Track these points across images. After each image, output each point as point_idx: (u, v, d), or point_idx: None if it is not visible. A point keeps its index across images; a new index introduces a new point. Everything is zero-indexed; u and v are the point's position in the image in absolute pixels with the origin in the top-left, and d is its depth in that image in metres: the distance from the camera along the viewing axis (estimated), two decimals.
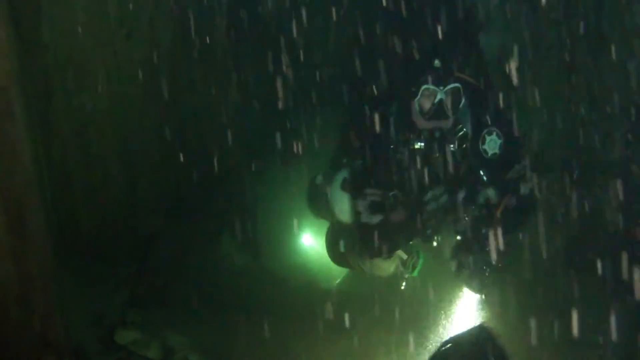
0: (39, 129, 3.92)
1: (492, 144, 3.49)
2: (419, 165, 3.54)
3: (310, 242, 5.81)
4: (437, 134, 3.48)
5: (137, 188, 4.70)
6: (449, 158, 3.57)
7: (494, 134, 3.51)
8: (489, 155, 3.50)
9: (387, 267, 3.91)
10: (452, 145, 3.54)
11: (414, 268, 3.80)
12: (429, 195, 3.68)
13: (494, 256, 3.43)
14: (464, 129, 3.56)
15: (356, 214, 3.66)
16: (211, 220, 4.93)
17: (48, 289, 2.98)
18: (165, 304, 4.19)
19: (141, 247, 4.50)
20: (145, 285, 4.23)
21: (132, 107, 4.73)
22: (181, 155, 4.99)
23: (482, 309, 4.71)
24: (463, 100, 3.48)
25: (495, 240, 3.40)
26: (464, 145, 3.57)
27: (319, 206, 4.04)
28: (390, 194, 3.64)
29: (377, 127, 3.58)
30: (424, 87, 3.41)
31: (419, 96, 3.45)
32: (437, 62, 3.43)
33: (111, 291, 4.17)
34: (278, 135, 5.54)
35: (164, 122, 4.91)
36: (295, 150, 5.22)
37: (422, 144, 3.53)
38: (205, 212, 5.00)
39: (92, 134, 4.53)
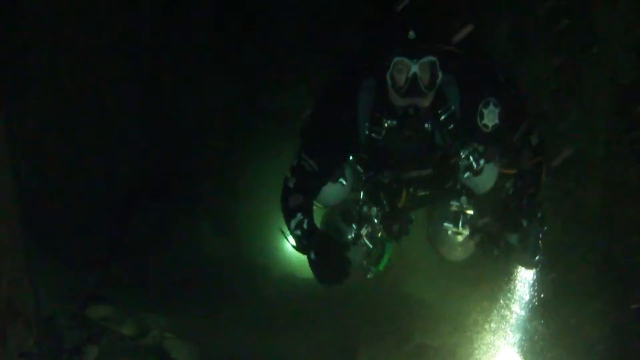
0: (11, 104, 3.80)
1: (491, 116, 3.20)
2: (393, 145, 3.25)
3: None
4: (410, 112, 3.15)
5: (115, 168, 4.58)
6: (425, 137, 3.26)
7: (491, 103, 3.21)
8: (490, 128, 3.20)
9: (354, 254, 3.49)
10: (426, 124, 3.20)
11: (378, 261, 3.51)
12: (411, 174, 3.39)
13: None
14: (452, 107, 3.25)
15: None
16: (191, 206, 4.82)
17: (17, 254, 2.86)
18: (141, 284, 4.07)
19: (117, 227, 4.37)
20: (120, 264, 4.10)
21: (111, 85, 4.63)
22: (161, 138, 4.91)
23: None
24: (440, 75, 3.13)
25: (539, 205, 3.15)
26: (451, 126, 3.26)
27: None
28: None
29: (350, 104, 3.26)
30: (396, 58, 3.09)
31: (390, 69, 3.12)
32: (411, 33, 3.13)
33: (84, 269, 4.04)
34: (260, 121, 5.50)
35: (144, 103, 4.82)
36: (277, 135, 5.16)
37: (395, 121, 3.19)
38: (185, 196, 4.89)
39: (68, 111, 4.42)
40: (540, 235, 3.20)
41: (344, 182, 3.45)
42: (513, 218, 3.22)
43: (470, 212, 3.35)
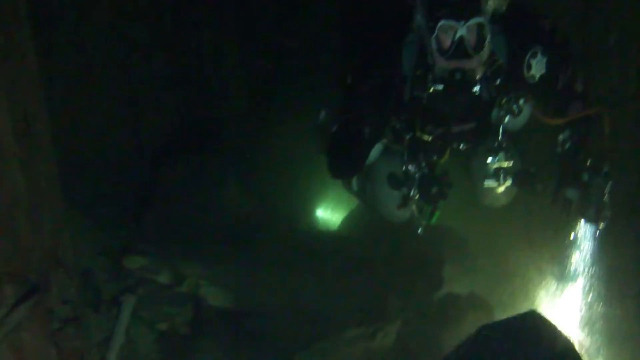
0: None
1: (539, 66, 3.05)
2: (436, 103, 3.12)
3: (318, 189, 5.78)
4: (457, 76, 3.00)
5: (142, 127, 4.61)
6: (472, 101, 3.14)
7: (539, 53, 3.05)
8: (537, 79, 3.07)
9: (401, 214, 3.53)
10: (475, 89, 3.06)
11: (431, 215, 3.37)
12: (454, 129, 3.30)
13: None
14: (500, 60, 3.09)
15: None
16: (215, 163, 4.84)
17: (57, 204, 2.89)
18: (173, 238, 4.12)
19: (145, 187, 4.42)
20: (152, 219, 4.15)
21: (135, 44, 4.64)
22: (186, 97, 4.93)
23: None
24: (489, 37, 2.97)
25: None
26: (498, 81, 3.11)
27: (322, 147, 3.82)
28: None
29: (394, 62, 3.13)
30: (441, 22, 2.92)
31: (436, 32, 2.95)
32: None
33: (117, 225, 4.10)
34: (284, 79, 5.48)
35: (167, 62, 4.83)
36: (301, 94, 5.13)
37: (441, 87, 3.06)
38: (209, 154, 4.92)
39: (93, 70, 4.44)
40: (607, 190, 3.04)
41: (386, 141, 3.46)
42: (572, 172, 3.11)
43: (509, 164, 3.28)
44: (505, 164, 3.26)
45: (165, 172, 4.48)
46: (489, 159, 3.27)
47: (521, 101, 3.17)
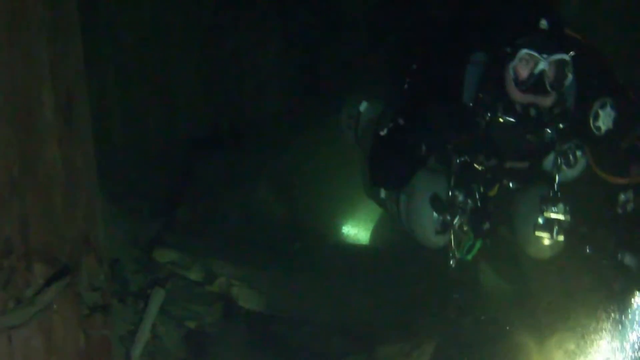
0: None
1: (606, 119, 2.77)
2: (495, 132, 2.84)
3: (350, 199, 5.64)
4: (532, 112, 2.73)
5: (175, 120, 4.54)
6: (544, 142, 2.88)
7: (608, 105, 2.76)
8: (602, 132, 2.78)
9: (437, 240, 3.23)
10: (548, 130, 2.81)
11: (469, 251, 3.14)
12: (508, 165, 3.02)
13: None
14: (567, 103, 2.84)
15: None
16: (248, 163, 4.74)
17: (92, 187, 2.80)
18: (205, 234, 4.00)
19: (178, 181, 4.33)
20: (184, 213, 4.04)
21: (173, 38, 4.58)
22: (220, 94, 4.85)
23: None
24: (570, 77, 2.71)
25: None
26: (561, 126, 2.85)
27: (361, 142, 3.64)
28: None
29: (456, 78, 2.86)
30: (523, 51, 2.66)
31: (515, 61, 2.69)
32: (543, 22, 2.68)
33: (148, 217, 4.00)
34: (321, 85, 5.38)
35: (204, 57, 4.76)
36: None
37: (513, 120, 2.77)
38: (242, 153, 4.82)
39: (131, 62, 4.39)
40: None
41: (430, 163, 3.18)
42: (633, 237, 2.91)
43: (566, 217, 2.97)
44: (562, 217, 2.97)
45: (199, 166, 4.39)
46: (544, 207, 2.98)
47: (579, 152, 2.96)
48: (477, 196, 3.04)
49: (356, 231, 5.83)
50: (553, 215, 2.96)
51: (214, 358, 3.37)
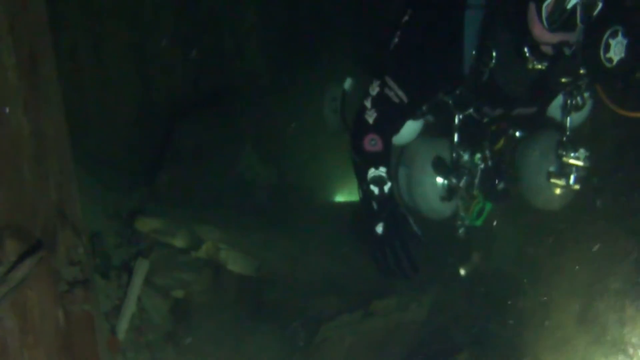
0: None
1: (618, 48, 2.51)
2: (500, 79, 2.60)
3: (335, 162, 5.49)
4: (567, 51, 2.48)
5: (152, 83, 4.33)
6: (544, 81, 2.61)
7: (620, 33, 2.50)
8: (614, 63, 2.52)
9: (443, 209, 3.03)
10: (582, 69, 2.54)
11: (479, 215, 2.94)
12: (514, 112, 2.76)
13: None
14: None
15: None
16: (230, 126, 4.56)
17: (64, 154, 2.63)
18: (188, 200, 3.84)
19: (157, 146, 4.14)
20: (165, 179, 3.87)
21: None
22: (198, 58, 4.64)
23: None
24: (600, 5, 2.46)
25: None
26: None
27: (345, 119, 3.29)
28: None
29: (454, 25, 2.60)
30: None
31: None
32: None
33: (128, 187, 3.82)
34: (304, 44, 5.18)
35: (179, 21, 4.54)
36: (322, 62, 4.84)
37: (545, 64, 2.54)
38: (223, 116, 4.62)
39: (104, 27, 4.16)
40: None
41: (430, 119, 2.95)
42: None
43: (584, 163, 2.76)
44: (582, 163, 2.77)
45: (180, 131, 4.19)
46: (563, 152, 2.77)
47: (586, 94, 2.77)
48: (487, 153, 2.84)
49: (345, 191, 5.71)
50: (572, 161, 2.77)
51: (205, 329, 3.25)
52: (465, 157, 2.84)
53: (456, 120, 2.81)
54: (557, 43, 2.48)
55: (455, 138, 2.83)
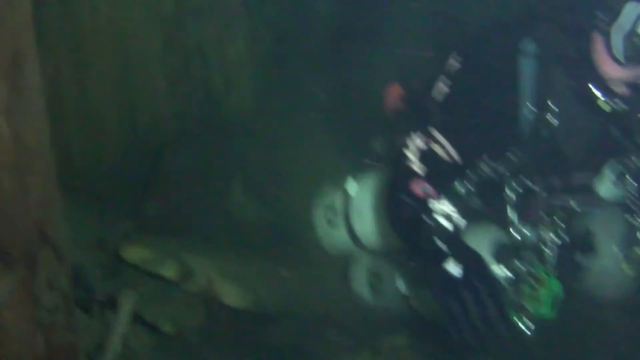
0: None
1: None
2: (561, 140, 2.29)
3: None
4: None
5: (137, 120, 4.16)
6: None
7: None
8: None
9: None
10: None
11: (555, 303, 2.42)
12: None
13: None
14: None
15: None
16: (219, 158, 4.38)
17: (47, 168, 2.41)
18: (177, 230, 3.61)
19: (144, 177, 3.94)
20: (153, 209, 3.64)
21: (133, 28, 4.22)
22: (186, 90, 4.50)
23: None
24: None
25: None
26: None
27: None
28: None
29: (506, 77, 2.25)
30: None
31: (628, 24, 2.03)
32: None
33: (113, 219, 3.58)
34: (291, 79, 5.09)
35: (167, 50, 4.41)
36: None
37: (615, 103, 2.18)
38: (211, 153, 4.45)
39: (88, 54, 4.00)
40: None
41: (463, 191, 2.52)
42: None
43: None
44: None
45: (167, 158, 3.99)
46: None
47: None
48: (560, 225, 2.44)
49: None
50: None
51: None
52: (528, 233, 2.47)
53: (508, 192, 2.44)
54: (631, 80, 2.15)
55: (515, 215, 2.45)
